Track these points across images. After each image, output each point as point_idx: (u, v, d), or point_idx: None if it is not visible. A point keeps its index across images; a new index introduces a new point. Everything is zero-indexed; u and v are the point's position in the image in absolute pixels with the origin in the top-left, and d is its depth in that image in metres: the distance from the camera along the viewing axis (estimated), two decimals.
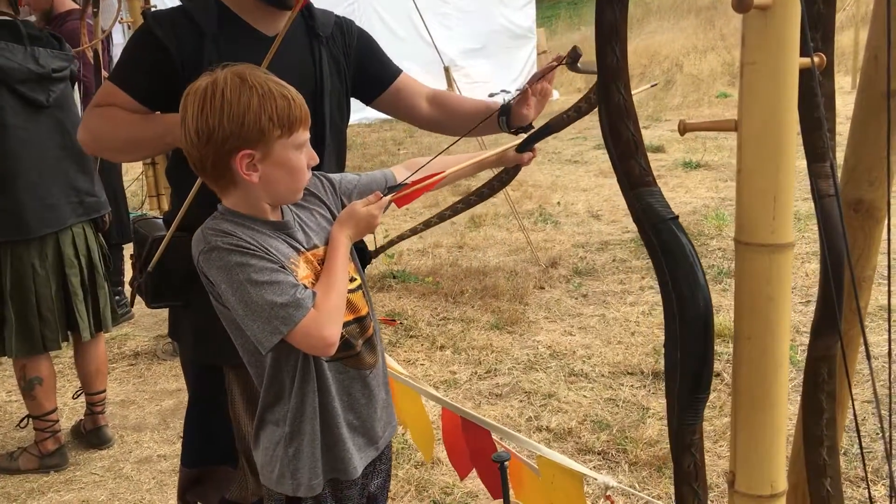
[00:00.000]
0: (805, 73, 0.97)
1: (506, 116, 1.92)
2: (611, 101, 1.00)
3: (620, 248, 5.56)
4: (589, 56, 1.41)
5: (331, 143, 1.93)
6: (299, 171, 1.48)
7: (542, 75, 1.82)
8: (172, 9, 1.87)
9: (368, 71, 2.06)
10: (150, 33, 1.81)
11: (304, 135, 1.47)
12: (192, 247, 1.48)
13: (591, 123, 11.43)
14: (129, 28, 4.78)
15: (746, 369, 1.00)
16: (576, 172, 8.25)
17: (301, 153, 1.47)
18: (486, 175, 2.11)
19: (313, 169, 1.57)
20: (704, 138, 8.83)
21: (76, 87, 3.26)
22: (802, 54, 0.94)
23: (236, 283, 1.40)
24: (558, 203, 6.93)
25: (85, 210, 3.12)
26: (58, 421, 3.23)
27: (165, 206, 5.80)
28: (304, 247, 1.54)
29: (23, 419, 3.29)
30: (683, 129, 1.00)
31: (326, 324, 1.43)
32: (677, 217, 0.98)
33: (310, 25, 1.93)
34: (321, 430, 1.57)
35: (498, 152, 1.87)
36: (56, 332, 3.10)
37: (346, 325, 1.55)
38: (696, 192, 6.83)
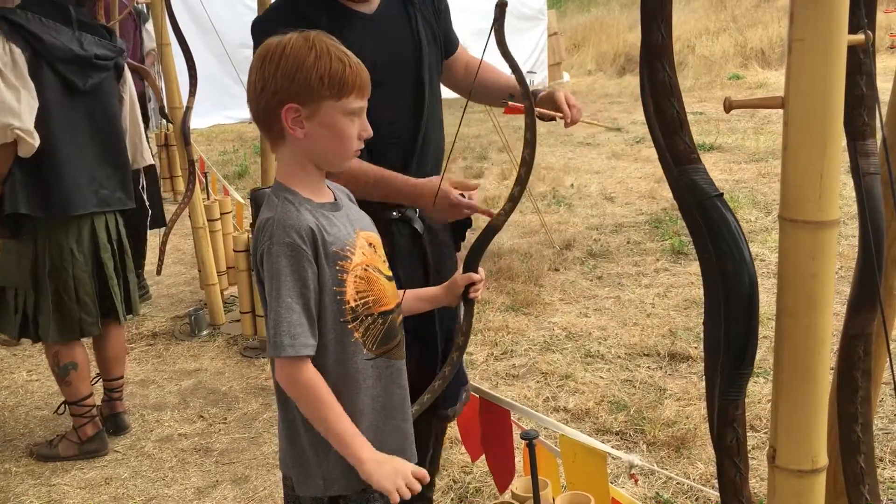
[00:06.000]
0: (847, 50, 0.97)
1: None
2: (655, 79, 1.00)
3: (634, 231, 5.56)
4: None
5: (430, 107, 2.05)
6: (347, 137, 1.48)
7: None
8: (283, 7, 1.96)
9: (444, 38, 2.17)
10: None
11: (357, 102, 1.47)
12: (256, 234, 1.47)
13: (601, 107, 11.39)
14: (146, 8, 4.76)
15: (788, 345, 1.01)
16: (588, 155, 8.23)
17: (351, 121, 1.47)
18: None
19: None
20: (718, 120, 8.79)
21: (121, 81, 3.19)
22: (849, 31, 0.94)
23: (274, 287, 1.41)
24: (571, 185, 6.92)
25: (98, 201, 3.06)
26: (95, 405, 3.23)
27: (180, 188, 5.82)
28: (358, 225, 1.56)
29: (60, 406, 3.29)
30: (729, 106, 1.00)
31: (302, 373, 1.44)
32: (722, 194, 0.99)
33: None
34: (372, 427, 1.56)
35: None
36: (95, 316, 3.09)
37: (386, 313, 1.56)
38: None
